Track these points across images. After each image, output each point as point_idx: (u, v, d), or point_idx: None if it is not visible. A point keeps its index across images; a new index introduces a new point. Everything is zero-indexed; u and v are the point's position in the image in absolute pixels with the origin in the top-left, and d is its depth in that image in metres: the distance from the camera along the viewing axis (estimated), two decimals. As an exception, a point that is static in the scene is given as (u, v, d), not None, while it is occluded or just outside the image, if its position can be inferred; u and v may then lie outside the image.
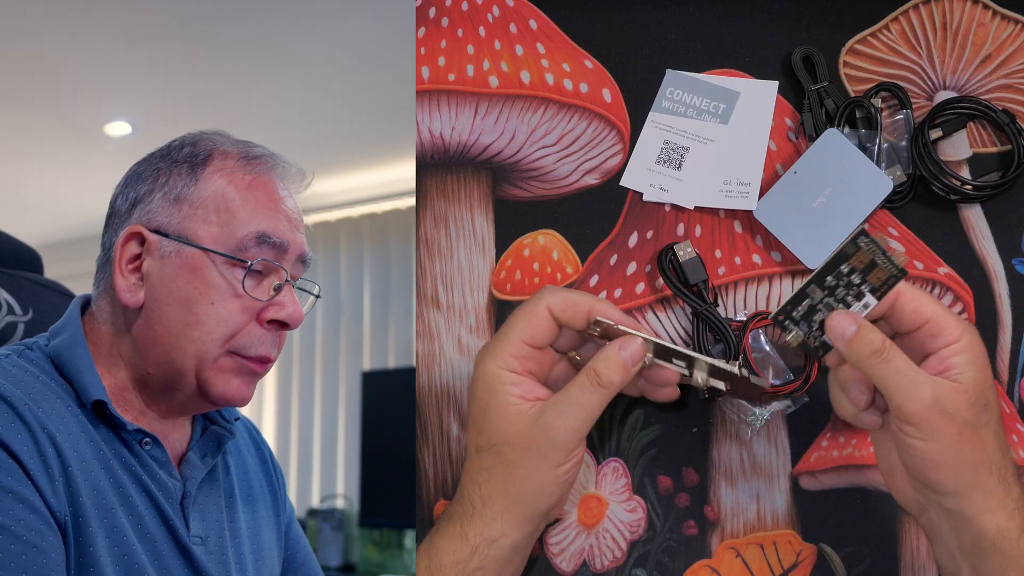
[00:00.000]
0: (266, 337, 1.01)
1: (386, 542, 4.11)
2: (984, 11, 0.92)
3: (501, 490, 0.79)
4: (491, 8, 0.96)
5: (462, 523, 0.80)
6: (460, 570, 0.79)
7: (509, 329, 0.81)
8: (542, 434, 0.78)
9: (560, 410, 0.78)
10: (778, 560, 0.87)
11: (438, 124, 0.95)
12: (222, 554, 1.04)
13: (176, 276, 0.99)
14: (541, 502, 0.79)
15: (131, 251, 1.01)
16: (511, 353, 0.80)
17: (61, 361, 0.98)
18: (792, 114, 0.93)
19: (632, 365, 0.78)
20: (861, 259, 0.76)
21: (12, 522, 0.86)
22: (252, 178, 1.03)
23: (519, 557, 0.81)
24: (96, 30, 3.15)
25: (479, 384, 0.80)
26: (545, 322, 0.80)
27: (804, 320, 0.78)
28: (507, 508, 0.79)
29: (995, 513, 0.73)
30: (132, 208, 1.03)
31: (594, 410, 0.78)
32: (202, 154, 1.03)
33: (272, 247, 1.00)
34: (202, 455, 1.05)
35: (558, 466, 0.78)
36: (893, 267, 0.76)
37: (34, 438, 0.90)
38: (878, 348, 0.74)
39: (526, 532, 0.80)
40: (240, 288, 0.98)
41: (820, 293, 0.77)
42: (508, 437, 0.79)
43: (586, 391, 0.78)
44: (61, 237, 4.95)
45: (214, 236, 0.99)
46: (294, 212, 1.05)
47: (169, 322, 0.98)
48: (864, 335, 0.74)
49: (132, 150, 1.34)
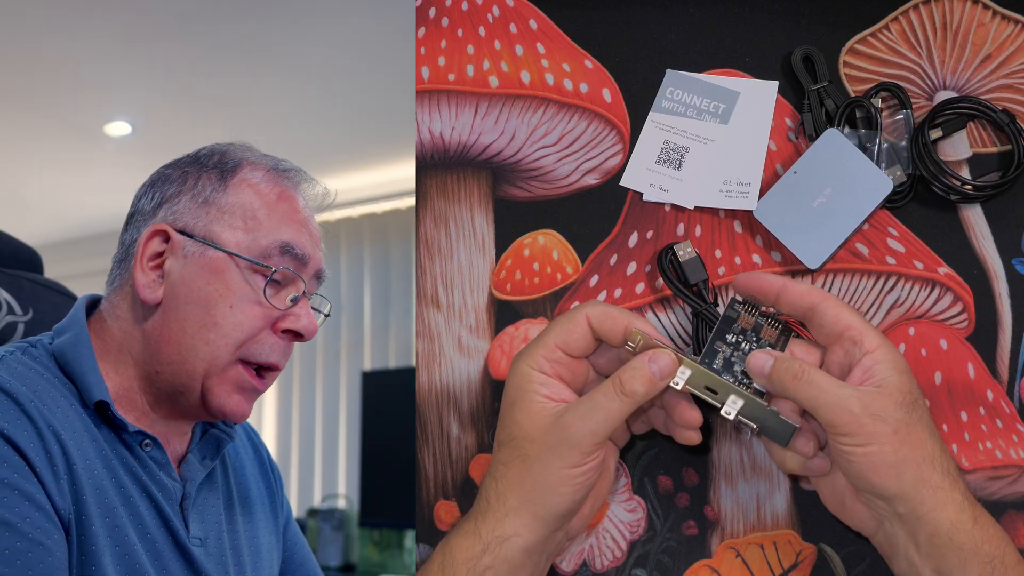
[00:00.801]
0: (277, 345, 1.02)
1: (386, 542, 4.11)
2: (984, 11, 0.92)
3: (516, 485, 0.79)
4: (491, 8, 0.96)
5: (476, 520, 0.80)
6: (471, 567, 0.79)
7: (546, 333, 0.82)
8: (559, 432, 0.78)
9: (580, 412, 0.78)
10: (778, 560, 0.87)
11: (438, 124, 0.95)
12: (221, 555, 1.04)
13: (198, 276, 0.99)
14: (554, 502, 0.79)
15: (154, 248, 1.02)
16: (543, 355, 0.81)
17: (65, 360, 0.99)
18: (792, 114, 0.93)
19: (659, 379, 0.78)
20: (746, 321, 0.81)
21: (18, 519, 0.86)
22: (280, 191, 1.04)
23: (532, 564, 0.81)
24: (96, 30, 3.16)
25: (510, 382, 0.81)
26: (581, 330, 0.81)
27: (726, 371, 0.81)
28: (520, 504, 0.79)
29: (945, 507, 0.74)
30: (158, 208, 1.04)
31: (613, 417, 0.78)
32: (231, 163, 1.05)
33: (294, 258, 1.02)
34: (201, 457, 1.06)
35: (572, 467, 0.78)
36: (777, 324, 0.81)
37: (40, 435, 0.90)
38: (796, 372, 0.76)
39: (539, 534, 0.79)
40: (261, 295, 1.00)
41: (727, 348, 0.81)
42: (527, 432, 0.79)
43: (608, 397, 0.78)
44: (61, 237, 4.95)
45: (239, 241, 1.00)
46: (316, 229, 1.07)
47: (186, 321, 0.99)
48: (780, 363, 0.77)
49: (132, 150, 1.34)
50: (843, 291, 0.89)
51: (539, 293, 0.92)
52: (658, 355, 0.78)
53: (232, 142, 1.09)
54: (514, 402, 0.81)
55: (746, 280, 0.82)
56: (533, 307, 0.92)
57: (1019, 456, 0.86)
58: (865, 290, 0.89)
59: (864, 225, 0.90)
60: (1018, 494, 0.85)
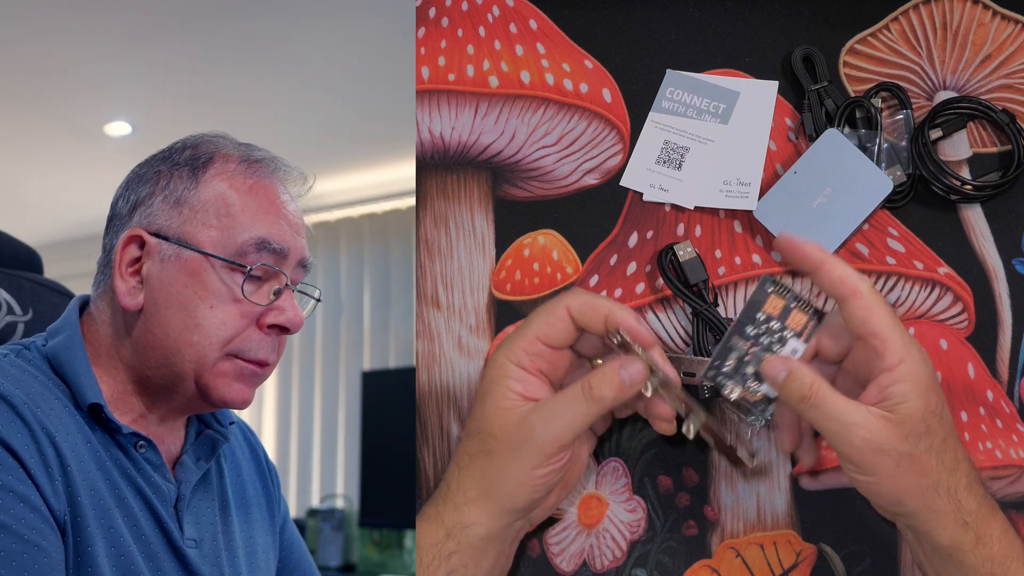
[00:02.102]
0: (265, 341, 1.01)
1: (386, 542, 4.10)
2: (984, 11, 0.92)
3: (477, 478, 0.79)
4: (491, 8, 0.96)
5: (438, 505, 0.80)
6: (436, 552, 0.79)
7: (526, 325, 0.81)
8: (524, 434, 0.78)
9: (544, 414, 0.78)
10: (778, 560, 0.87)
11: (438, 124, 0.95)
12: (216, 557, 1.04)
13: (175, 280, 0.99)
14: (513, 499, 0.79)
15: (131, 254, 1.01)
16: (523, 348, 0.80)
17: (59, 363, 0.98)
18: (792, 114, 0.93)
19: (628, 386, 0.78)
20: (774, 304, 0.78)
21: (13, 521, 0.86)
22: (253, 182, 1.02)
23: (495, 550, 0.81)
24: (96, 30, 3.16)
25: (486, 373, 0.81)
26: (562, 322, 0.80)
27: (737, 373, 0.79)
28: (479, 496, 0.79)
29: (947, 528, 0.75)
30: (133, 211, 1.03)
31: (578, 421, 0.77)
32: (203, 157, 1.03)
33: (272, 253, 1.00)
34: (196, 458, 1.05)
35: (533, 469, 0.78)
36: (809, 307, 0.78)
37: (34, 437, 0.90)
38: (804, 395, 0.75)
39: (500, 525, 0.79)
40: (239, 293, 0.98)
41: (744, 344, 0.79)
42: (493, 428, 0.79)
43: (575, 401, 0.78)
44: (61, 237, 4.95)
45: (214, 240, 0.99)
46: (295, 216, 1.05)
47: (168, 326, 0.98)
48: (792, 380, 0.76)
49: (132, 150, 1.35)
50: (843, 291, 0.89)
51: (539, 293, 0.92)
52: (629, 363, 0.78)
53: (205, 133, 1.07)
54: (486, 394, 0.80)
55: (788, 243, 0.78)
56: (533, 307, 0.92)
57: (1019, 456, 0.86)
58: (865, 290, 0.89)
59: (864, 225, 0.90)
60: (1018, 494, 0.85)
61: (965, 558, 0.75)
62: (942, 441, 0.75)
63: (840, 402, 0.75)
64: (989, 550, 0.75)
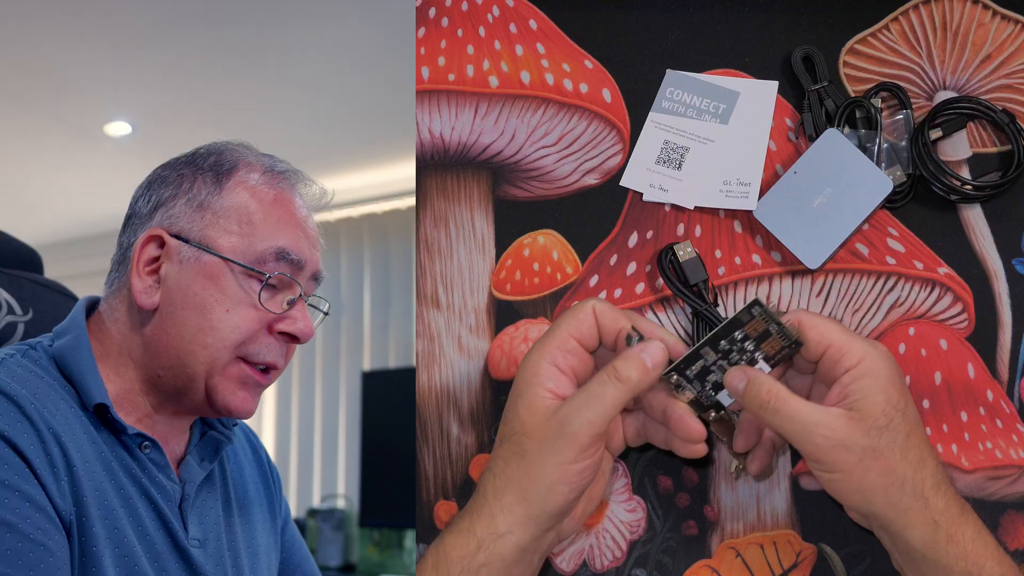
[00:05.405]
0: (274, 346, 1.02)
1: (386, 542, 4.11)
2: (984, 11, 0.92)
3: (514, 481, 0.79)
4: (491, 8, 0.96)
5: (472, 517, 0.80)
6: (466, 565, 0.79)
7: (556, 326, 0.82)
8: (558, 427, 0.78)
9: (576, 402, 0.78)
10: (778, 560, 0.87)
11: (438, 124, 0.95)
12: (220, 557, 1.04)
13: (193, 282, 1.00)
14: (550, 500, 0.79)
15: (150, 253, 1.02)
16: (557, 346, 0.81)
17: (65, 363, 0.99)
18: (792, 114, 0.93)
19: (652, 367, 0.79)
20: (755, 327, 0.79)
21: (19, 520, 0.86)
22: (276, 193, 1.04)
23: (525, 563, 0.81)
24: (96, 32, 3.16)
25: (519, 375, 0.82)
26: (589, 321, 0.82)
27: (697, 379, 0.81)
28: (516, 501, 0.79)
29: (916, 527, 0.76)
30: (154, 211, 1.04)
31: (610, 404, 0.78)
32: (227, 164, 1.04)
33: (290, 263, 1.02)
34: (200, 459, 1.06)
35: (570, 463, 0.78)
36: (787, 338, 0.79)
37: (40, 437, 0.90)
38: (763, 400, 0.77)
39: (532, 533, 0.79)
40: (256, 299, 1.00)
41: (714, 355, 0.80)
42: (527, 427, 0.79)
43: (604, 386, 0.78)
44: (61, 237, 4.95)
45: (234, 246, 1.00)
46: (313, 230, 1.07)
47: (183, 326, 0.99)
48: (751, 388, 0.78)
49: (132, 150, 1.34)
50: (843, 291, 0.89)
51: (539, 293, 0.92)
52: (648, 345, 0.80)
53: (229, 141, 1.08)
54: (519, 396, 0.81)
55: None
56: (533, 307, 0.92)
57: (1019, 456, 0.86)
58: (865, 290, 0.89)
59: (864, 225, 0.90)
60: (1018, 494, 0.85)
61: (939, 556, 0.75)
62: (905, 437, 0.76)
63: (800, 404, 0.77)
64: (962, 548, 0.75)
